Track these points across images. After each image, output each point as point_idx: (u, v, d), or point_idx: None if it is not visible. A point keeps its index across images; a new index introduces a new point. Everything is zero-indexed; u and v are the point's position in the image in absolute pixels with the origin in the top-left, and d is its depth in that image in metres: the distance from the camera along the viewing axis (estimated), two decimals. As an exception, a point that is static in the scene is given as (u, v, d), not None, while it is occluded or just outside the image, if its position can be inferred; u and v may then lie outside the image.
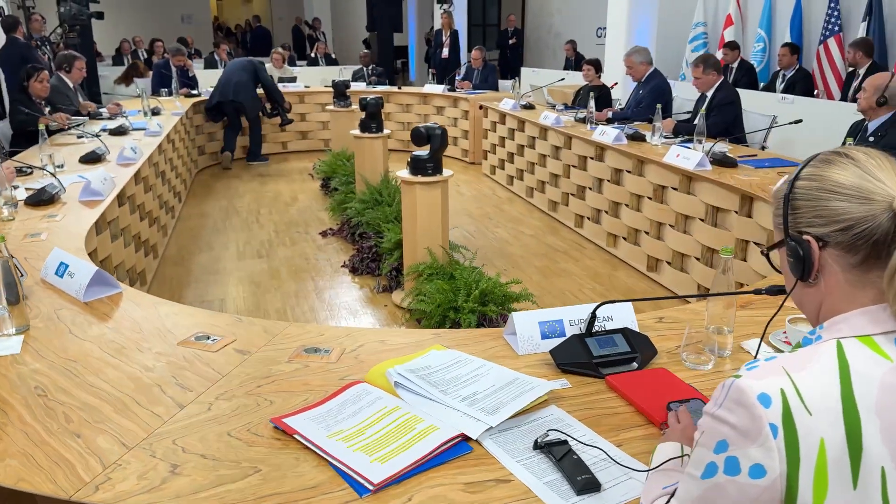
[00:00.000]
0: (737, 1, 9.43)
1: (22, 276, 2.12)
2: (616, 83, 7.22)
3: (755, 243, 3.46)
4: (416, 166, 3.80)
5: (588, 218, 5.28)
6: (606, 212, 4.97)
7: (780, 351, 1.69)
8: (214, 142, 8.23)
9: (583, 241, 5.27)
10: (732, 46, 8.24)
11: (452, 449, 1.31)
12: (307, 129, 8.99)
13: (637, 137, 4.80)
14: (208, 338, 1.79)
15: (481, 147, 7.67)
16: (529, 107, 6.79)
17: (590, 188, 5.20)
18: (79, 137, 4.95)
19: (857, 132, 4.13)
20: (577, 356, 1.60)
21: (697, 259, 3.94)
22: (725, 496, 0.87)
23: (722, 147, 4.18)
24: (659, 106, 4.77)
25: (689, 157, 3.93)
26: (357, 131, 5.49)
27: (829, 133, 5.43)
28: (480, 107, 7.94)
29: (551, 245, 5.21)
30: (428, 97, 8.82)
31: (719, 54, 8.74)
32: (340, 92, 7.10)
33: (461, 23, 12.66)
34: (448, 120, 8.60)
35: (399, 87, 9.42)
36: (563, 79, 7.74)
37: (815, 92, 7.48)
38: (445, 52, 11.45)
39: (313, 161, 7.85)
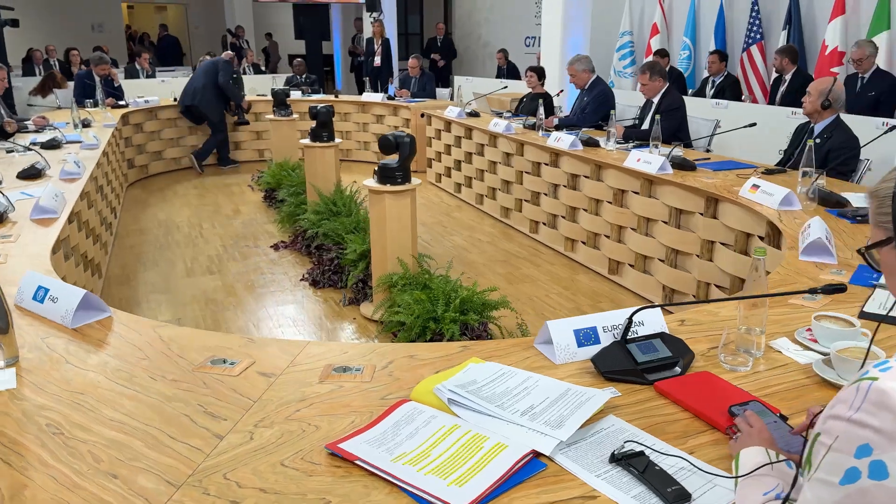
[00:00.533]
0: (662, 10, 9.76)
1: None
2: (562, 90, 7.33)
3: (721, 243, 3.55)
4: (385, 175, 3.73)
5: (544, 223, 5.32)
6: (563, 216, 5.01)
7: (809, 348, 1.72)
8: (143, 154, 7.88)
9: (539, 247, 5.30)
10: (662, 54, 8.52)
11: (527, 467, 1.26)
12: (241, 140, 8.73)
13: (591, 143, 4.87)
14: (225, 361, 1.67)
15: (425, 155, 7.63)
16: (475, 114, 6.80)
17: (545, 194, 5.24)
18: (8, 152, 4.62)
19: (802, 134, 4.33)
20: (621, 363, 1.57)
21: (662, 260, 4.02)
22: (872, 501, 0.86)
23: (678, 151, 4.30)
24: (613, 112, 4.86)
25: (650, 161, 4.01)
26: (307, 140, 5.35)
27: (766, 136, 5.69)
28: (422, 115, 7.91)
29: (509, 251, 5.22)
30: (367, 105, 8.72)
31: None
32: (281, 101, 6.93)
33: (391, 31, 12.61)
34: (388, 128, 8.53)
35: (335, 96, 9.28)
36: (505, 87, 7.81)
37: (743, 97, 7.82)
38: (378, 60, 11.37)
39: (251, 172, 7.63)
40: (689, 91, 8.51)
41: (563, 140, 4.88)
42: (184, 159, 8.24)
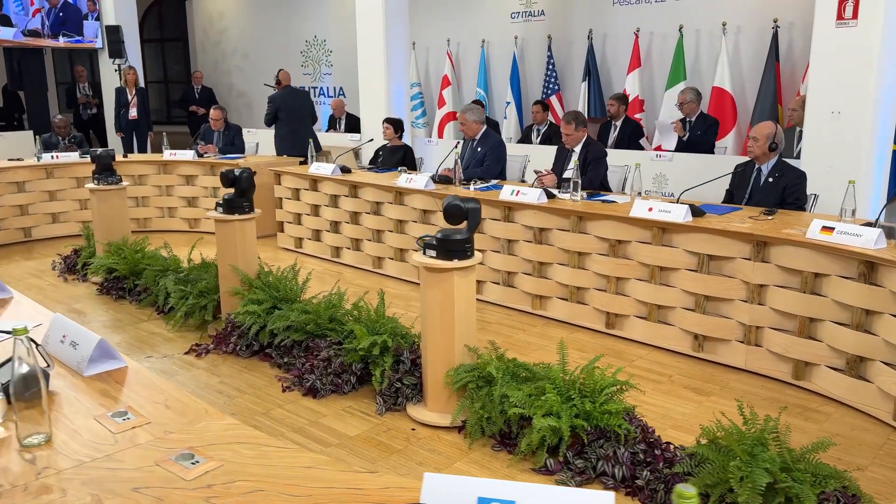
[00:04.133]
0: (451, 62, 10.01)
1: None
2: (372, 139, 7.04)
3: (778, 286, 3.60)
4: (452, 249, 3.08)
5: (497, 282, 4.94)
6: (528, 273, 4.70)
7: None
8: None
9: (502, 310, 4.89)
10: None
11: None
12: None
13: (548, 195, 4.66)
14: None
15: (274, 218, 6.65)
16: (346, 170, 6.13)
17: (495, 251, 4.87)
18: None
19: (747, 174, 4.64)
20: None
21: (690, 309, 3.95)
22: None
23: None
24: (577, 162, 4.71)
25: (669, 209, 3.94)
26: (216, 212, 4.26)
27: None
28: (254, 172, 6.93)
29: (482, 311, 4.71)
30: (170, 165, 7.36)
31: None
32: (106, 166, 5.45)
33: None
34: (204, 190, 7.31)
35: (125, 155, 7.67)
36: (371, 139, 7.18)
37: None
38: (134, 112, 9.80)
39: (51, 259, 5.92)
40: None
41: (527, 194, 4.59)
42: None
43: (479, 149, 5.86)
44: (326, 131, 10.02)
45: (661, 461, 2.66)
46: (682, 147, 6.80)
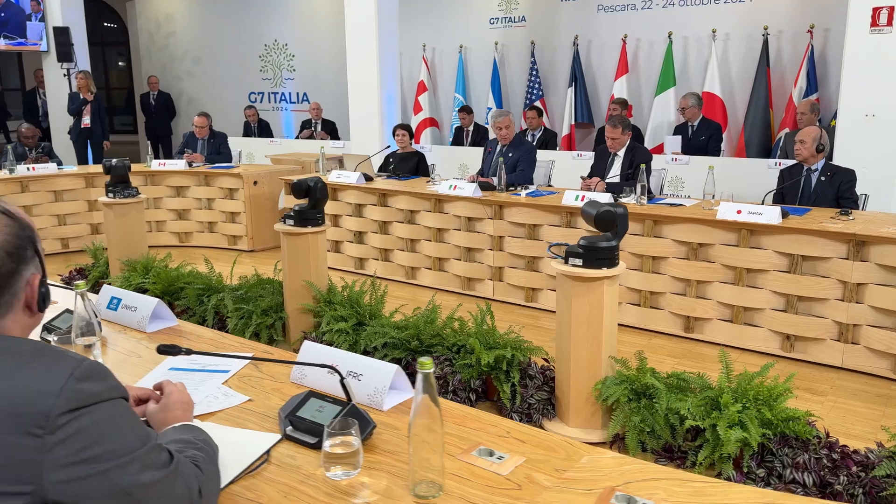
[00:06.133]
0: (427, 68, 9.87)
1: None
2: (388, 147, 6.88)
3: (878, 284, 3.67)
4: (600, 257, 2.96)
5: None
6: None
7: None
8: None
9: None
10: (468, 111, 8.58)
11: None
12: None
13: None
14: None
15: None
16: (368, 178, 5.88)
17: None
18: None
19: (795, 176, 4.73)
20: None
21: (782, 310, 3.97)
22: None
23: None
24: (643, 166, 4.66)
25: (761, 211, 3.96)
26: (284, 225, 3.96)
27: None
28: (255, 182, 6.59)
29: (513, 323, 4.58)
30: (158, 175, 6.86)
31: (456, 119, 9.03)
32: (122, 177, 4.98)
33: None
34: (196, 201, 6.86)
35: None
36: (388, 146, 6.89)
37: (558, 147, 8.30)
38: (87, 120, 9.13)
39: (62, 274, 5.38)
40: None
41: (598, 197, 4.52)
42: None
43: (510, 154, 5.74)
44: (297, 137, 9.67)
45: (853, 464, 2.63)
46: (687, 151, 6.92)
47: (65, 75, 9.63)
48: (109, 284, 4.88)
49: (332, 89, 10.57)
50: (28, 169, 6.43)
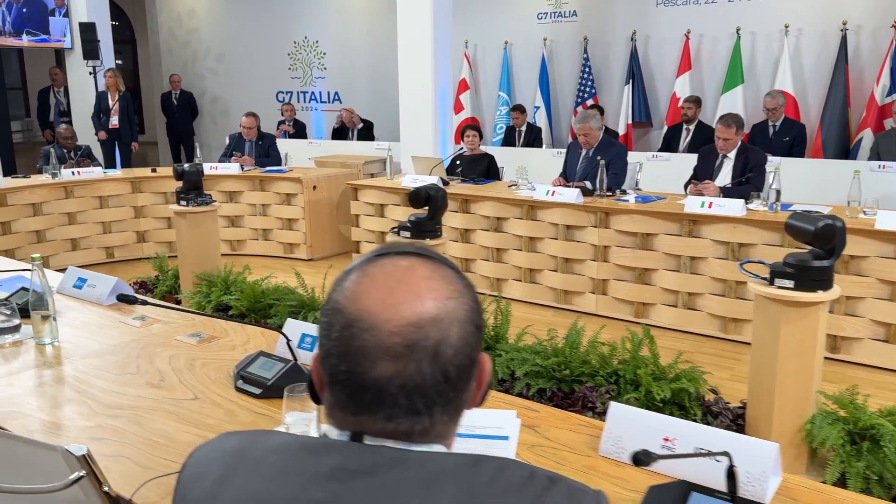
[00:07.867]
0: (469, 65, 9.48)
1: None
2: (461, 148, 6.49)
3: None
4: (815, 278, 2.57)
5: (671, 305, 4.44)
6: (718, 294, 4.25)
7: None
8: None
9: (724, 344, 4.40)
10: (521, 110, 8.19)
11: None
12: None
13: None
14: None
15: (351, 238, 5.88)
16: (444, 182, 5.48)
17: (672, 270, 4.39)
18: None
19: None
20: None
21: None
22: None
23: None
24: (775, 170, 4.28)
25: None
26: (403, 237, 3.55)
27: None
28: (314, 187, 6.18)
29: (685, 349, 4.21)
30: (210, 180, 6.41)
31: (506, 119, 8.65)
32: (195, 183, 4.55)
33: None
34: (250, 208, 6.44)
35: (153, 170, 6.62)
36: (462, 148, 6.46)
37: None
38: (115, 120, 8.70)
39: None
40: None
41: (723, 206, 4.14)
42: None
43: (598, 157, 5.34)
44: (333, 138, 9.25)
45: None
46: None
47: (91, 73, 9.16)
48: (179, 301, 4.48)
49: (365, 88, 10.15)
50: (73, 173, 5.98)
